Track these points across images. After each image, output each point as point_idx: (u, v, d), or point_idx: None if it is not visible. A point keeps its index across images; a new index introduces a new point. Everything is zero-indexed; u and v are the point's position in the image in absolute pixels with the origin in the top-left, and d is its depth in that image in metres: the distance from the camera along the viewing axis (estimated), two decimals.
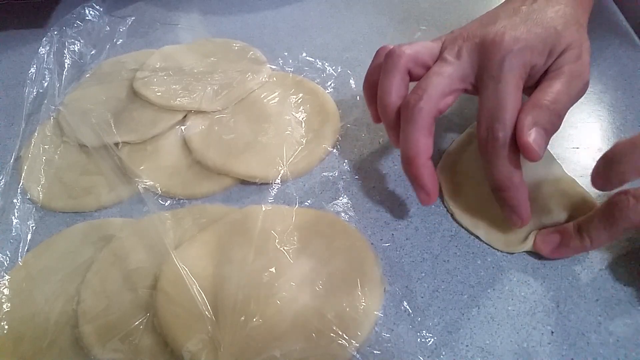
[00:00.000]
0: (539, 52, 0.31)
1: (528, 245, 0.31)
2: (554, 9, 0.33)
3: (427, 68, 0.33)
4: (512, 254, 0.32)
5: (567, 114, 0.41)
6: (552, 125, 0.30)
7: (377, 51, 0.36)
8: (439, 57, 0.33)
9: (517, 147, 0.29)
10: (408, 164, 0.31)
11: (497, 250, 0.32)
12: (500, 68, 0.30)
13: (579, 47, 0.32)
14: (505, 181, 0.30)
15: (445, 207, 0.35)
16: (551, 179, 0.33)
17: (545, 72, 0.32)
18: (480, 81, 0.31)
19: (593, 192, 0.34)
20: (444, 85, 0.31)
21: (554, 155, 0.36)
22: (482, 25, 0.33)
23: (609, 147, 0.37)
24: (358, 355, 0.27)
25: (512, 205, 0.30)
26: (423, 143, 0.31)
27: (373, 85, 0.35)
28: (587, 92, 0.42)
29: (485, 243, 0.32)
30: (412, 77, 0.33)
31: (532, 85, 0.32)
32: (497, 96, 0.29)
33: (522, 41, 0.30)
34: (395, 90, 0.33)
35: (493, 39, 0.31)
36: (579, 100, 0.41)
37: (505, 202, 0.30)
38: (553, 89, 0.30)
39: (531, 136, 0.28)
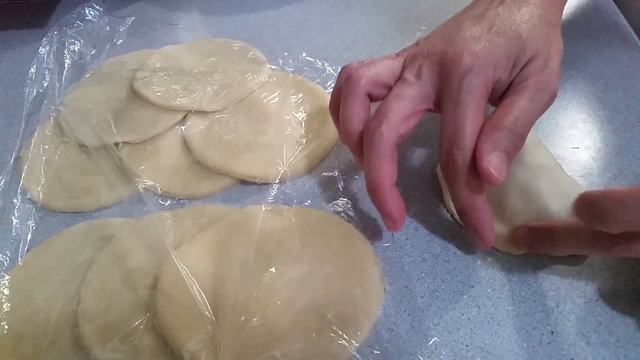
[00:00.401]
0: (502, 67, 0.30)
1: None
2: (520, 12, 0.31)
3: (389, 88, 0.32)
4: (512, 254, 0.32)
5: (567, 113, 0.42)
6: (513, 147, 0.29)
7: (340, 71, 0.34)
8: (400, 77, 0.32)
9: (477, 172, 0.28)
10: (372, 192, 0.30)
11: (497, 250, 0.32)
12: (459, 90, 0.29)
13: (546, 55, 0.31)
14: (467, 205, 0.29)
15: (446, 207, 0.35)
16: (551, 179, 0.33)
17: (510, 85, 0.31)
18: (441, 102, 0.30)
19: None
20: (404, 108, 0.30)
21: (554, 156, 0.36)
22: (444, 39, 0.31)
23: (609, 147, 0.37)
24: (358, 355, 0.27)
25: (476, 227, 0.29)
26: (385, 170, 0.30)
27: (337, 108, 0.34)
28: (587, 92, 0.42)
29: None
30: (373, 98, 0.32)
31: (496, 97, 0.31)
32: (455, 120, 0.29)
33: (482, 58, 0.29)
34: (355, 116, 0.32)
35: (452, 58, 0.29)
36: (580, 100, 0.42)
37: (468, 225, 0.30)
38: (515, 107, 0.29)
39: (491, 162, 0.27)
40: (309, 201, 0.36)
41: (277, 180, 0.37)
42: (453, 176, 0.29)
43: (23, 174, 0.39)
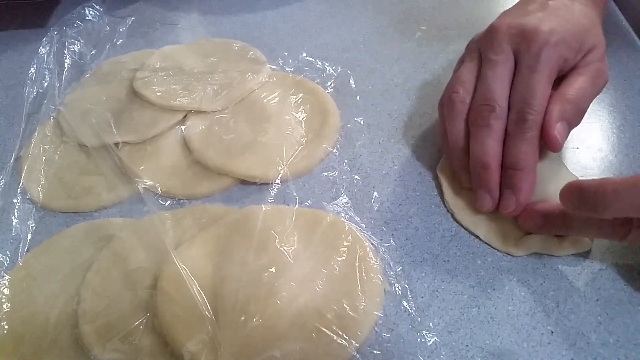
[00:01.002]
0: (571, 47, 0.32)
1: (527, 249, 0.31)
2: (577, 7, 0.34)
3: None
4: (512, 255, 0.32)
5: None
6: (575, 120, 0.32)
7: (452, 105, 0.34)
8: (485, 60, 0.33)
9: (539, 135, 0.31)
10: (483, 172, 0.32)
11: (497, 250, 0.32)
12: (537, 59, 0.31)
13: (603, 47, 0.34)
14: (522, 161, 0.31)
15: (446, 207, 0.35)
16: (553, 177, 0.33)
17: (572, 67, 0.33)
18: (518, 68, 0.32)
19: None
20: (504, 87, 0.32)
21: (556, 156, 0.36)
22: (516, 17, 0.34)
23: (609, 147, 0.37)
24: (358, 355, 0.27)
25: (520, 185, 0.31)
26: (499, 152, 0.32)
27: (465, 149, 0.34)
28: None
29: (486, 243, 0.32)
30: None
31: (559, 76, 0.33)
32: (530, 84, 0.31)
33: (558, 34, 0.32)
34: (466, 135, 0.34)
35: (533, 30, 0.32)
36: None
37: (513, 180, 0.31)
38: (580, 85, 0.32)
39: (557, 129, 0.30)
40: (309, 201, 0.36)
41: (277, 180, 0.37)
42: (519, 133, 0.31)
43: (23, 174, 0.39)
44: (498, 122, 0.32)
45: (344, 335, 0.27)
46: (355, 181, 0.37)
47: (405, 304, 0.30)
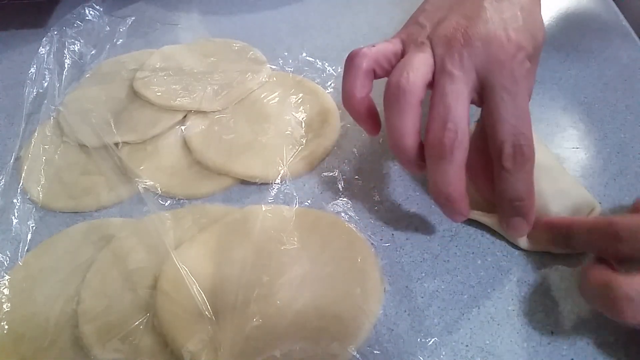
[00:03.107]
0: (530, 56, 0.30)
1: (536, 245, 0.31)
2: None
3: (392, 65, 0.31)
4: (512, 254, 0.32)
5: (567, 113, 0.42)
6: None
7: (354, 58, 0.32)
8: (444, 71, 0.29)
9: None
10: (450, 202, 0.29)
11: (497, 250, 0.32)
12: (514, 78, 0.28)
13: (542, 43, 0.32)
14: (525, 193, 0.29)
15: None
16: (551, 178, 0.33)
17: None
18: (490, 92, 0.28)
19: (594, 192, 0.34)
20: (466, 108, 0.29)
21: (554, 156, 0.36)
22: (469, 19, 0.29)
23: (609, 147, 0.37)
24: (358, 355, 0.27)
25: (527, 214, 0.29)
26: (462, 178, 0.29)
27: (358, 100, 0.32)
28: (587, 92, 0.43)
29: (486, 243, 0.32)
30: (377, 75, 0.32)
31: None
32: (518, 111, 0.28)
33: (523, 49, 0.29)
34: (414, 130, 0.29)
35: (500, 45, 0.28)
36: (580, 100, 0.42)
37: (521, 212, 0.29)
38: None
39: None
40: (309, 201, 0.36)
41: (277, 180, 0.37)
42: (519, 167, 0.28)
43: (23, 174, 0.39)
44: (460, 151, 0.28)
45: (344, 335, 0.27)
46: (355, 181, 0.37)
47: (405, 304, 0.30)
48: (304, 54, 0.48)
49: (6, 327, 0.30)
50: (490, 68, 0.28)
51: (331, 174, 0.38)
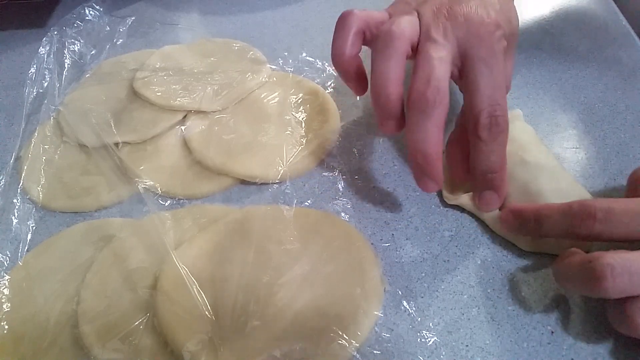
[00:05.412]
0: (505, 36, 0.32)
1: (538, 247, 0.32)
2: None
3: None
4: (512, 254, 0.32)
5: (567, 113, 0.42)
6: None
7: (346, 18, 0.33)
8: (429, 37, 0.31)
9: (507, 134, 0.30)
10: (426, 161, 0.30)
11: (497, 250, 0.32)
12: (492, 51, 0.30)
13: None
14: (498, 165, 0.30)
15: (445, 200, 0.35)
16: (551, 178, 0.33)
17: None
18: (469, 64, 0.30)
19: (593, 192, 0.34)
20: (447, 71, 0.30)
21: (554, 155, 0.36)
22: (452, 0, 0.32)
23: (609, 147, 0.37)
24: (358, 355, 0.27)
25: (499, 187, 0.31)
26: (440, 139, 0.30)
27: (348, 59, 0.34)
28: (587, 92, 0.43)
29: (486, 243, 0.32)
30: (366, 38, 0.34)
31: None
32: (495, 82, 0.30)
33: (500, 27, 0.31)
34: (398, 78, 0.31)
35: (480, 22, 0.30)
36: (579, 100, 0.42)
37: (493, 185, 0.31)
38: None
39: None
40: (309, 201, 0.36)
41: (277, 180, 0.37)
42: (493, 137, 0.30)
43: (23, 174, 0.39)
44: (441, 109, 0.29)
45: (344, 335, 0.27)
46: (355, 181, 0.37)
47: (405, 304, 0.30)
48: (304, 54, 0.48)
49: (6, 327, 0.30)
50: (471, 41, 0.30)
51: (331, 174, 0.38)
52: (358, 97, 0.43)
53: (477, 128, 0.30)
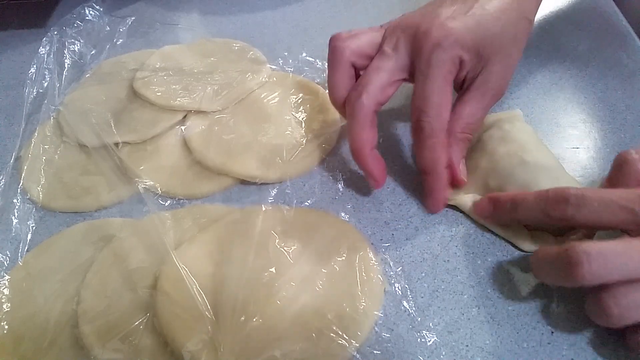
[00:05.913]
0: (467, 49, 0.32)
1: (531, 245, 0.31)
2: (499, 3, 0.33)
3: (371, 58, 0.34)
4: (512, 254, 0.32)
5: (567, 113, 0.42)
6: (475, 132, 0.35)
7: (329, 42, 0.36)
8: (379, 50, 0.34)
9: (441, 139, 0.32)
10: (355, 155, 0.34)
11: (497, 250, 0.32)
12: (428, 63, 0.32)
13: (507, 57, 0.34)
14: (429, 167, 0.33)
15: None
16: (551, 178, 0.33)
17: (474, 77, 0.34)
18: (414, 73, 0.33)
19: None
20: (382, 79, 0.33)
21: (554, 155, 0.36)
22: (422, 15, 0.34)
23: (609, 147, 0.37)
24: (358, 355, 0.27)
25: (432, 188, 0.33)
26: (366, 136, 0.33)
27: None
28: (587, 92, 0.43)
29: (486, 243, 0.32)
30: (358, 67, 0.35)
31: (459, 81, 0.34)
32: (424, 92, 0.32)
33: (451, 36, 0.32)
34: (340, 84, 0.35)
35: (424, 32, 0.32)
36: (580, 100, 0.42)
37: (426, 185, 0.34)
38: (465, 112, 0.34)
39: (461, 170, 0.34)
40: (309, 201, 0.36)
41: (277, 180, 0.37)
42: (420, 141, 0.32)
43: (23, 174, 0.39)
44: (364, 110, 0.33)
45: (344, 335, 0.27)
46: (355, 181, 0.37)
47: (405, 304, 0.30)
48: (304, 54, 0.48)
49: (6, 327, 0.30)
50: (415, 54, 0.33)
51: (331, 174, 0.38)
52: None
53: (412, 131, 0.33)
